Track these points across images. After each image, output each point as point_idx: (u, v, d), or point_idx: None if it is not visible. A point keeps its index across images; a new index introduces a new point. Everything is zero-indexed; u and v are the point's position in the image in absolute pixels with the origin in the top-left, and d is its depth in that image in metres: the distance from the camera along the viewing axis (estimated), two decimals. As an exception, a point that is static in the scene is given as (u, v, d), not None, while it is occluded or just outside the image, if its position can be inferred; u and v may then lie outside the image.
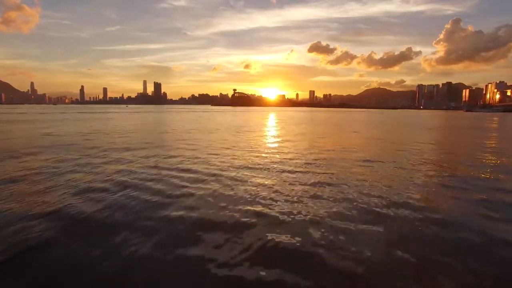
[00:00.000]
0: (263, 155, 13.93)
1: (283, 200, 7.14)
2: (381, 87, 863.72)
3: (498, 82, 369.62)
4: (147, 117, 58.00)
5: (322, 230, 5.47)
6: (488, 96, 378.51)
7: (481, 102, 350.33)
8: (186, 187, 8.22)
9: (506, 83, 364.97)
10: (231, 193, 7.71)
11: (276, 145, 18.01)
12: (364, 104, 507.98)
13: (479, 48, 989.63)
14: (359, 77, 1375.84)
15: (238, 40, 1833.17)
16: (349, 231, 5.46)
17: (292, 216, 6.12)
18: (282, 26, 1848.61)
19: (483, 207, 6.92)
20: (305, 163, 11.90)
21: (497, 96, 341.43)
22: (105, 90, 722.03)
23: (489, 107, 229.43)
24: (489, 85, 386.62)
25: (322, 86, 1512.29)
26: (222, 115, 69.37)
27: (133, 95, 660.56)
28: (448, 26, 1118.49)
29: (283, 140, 20.57)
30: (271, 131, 28.46)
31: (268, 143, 19.01)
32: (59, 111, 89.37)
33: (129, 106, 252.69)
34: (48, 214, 6.09)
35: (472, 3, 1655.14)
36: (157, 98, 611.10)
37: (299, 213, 6.31)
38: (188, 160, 12.21)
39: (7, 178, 8.86)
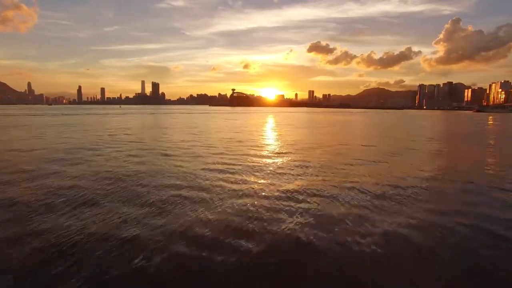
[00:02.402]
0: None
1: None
2: (380, 87, 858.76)
3: (502, 81, 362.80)
4: (121, 122, 50.11)
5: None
6: (492, 96, 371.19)
7: (484, 102, 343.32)
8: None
9: (510, 83, 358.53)
10: None
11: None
12: (363, 104, 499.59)
13: (479, 47, 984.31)
14: (358, 77, 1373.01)
15: (236, 40, 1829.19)
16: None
17: None
18: (280, 26, 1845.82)
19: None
20: None
21: (502, 96, 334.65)
22: (103, 90, 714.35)
23: (501, 107, 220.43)
24: (493, 85, 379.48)
25: (321, 86, 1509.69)
26: (214, 119, 61.48)
27: (131, 95, 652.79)
28: (448, 26, 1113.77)
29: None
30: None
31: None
32: (28, 112, 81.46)
33: (122, 106, 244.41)
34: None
35: (470, 3, 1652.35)
36: (155, 98, 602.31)
37: None
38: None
39: None
